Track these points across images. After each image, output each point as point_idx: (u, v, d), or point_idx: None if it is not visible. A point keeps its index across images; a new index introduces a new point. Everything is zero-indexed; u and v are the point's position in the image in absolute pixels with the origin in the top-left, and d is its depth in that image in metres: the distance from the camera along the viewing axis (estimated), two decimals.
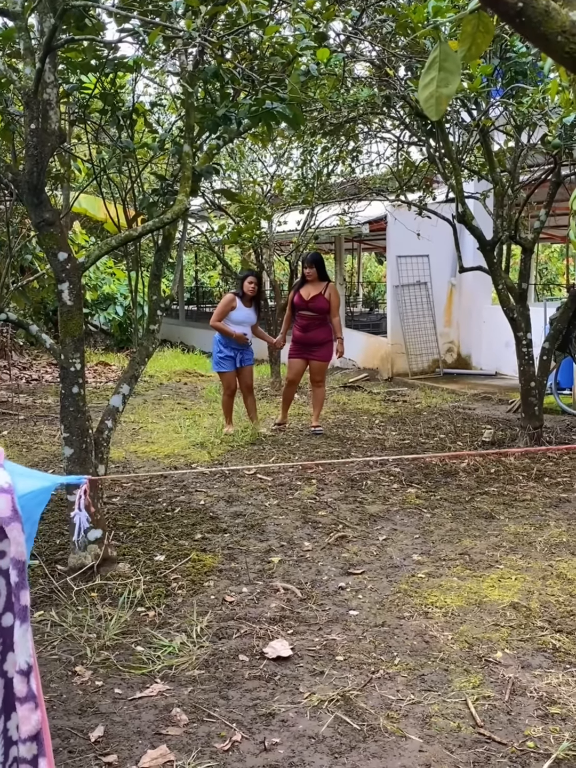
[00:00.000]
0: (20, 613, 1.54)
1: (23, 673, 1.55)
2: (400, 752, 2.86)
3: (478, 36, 1.38)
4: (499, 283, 7.59)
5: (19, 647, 1.55)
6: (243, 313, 7.96)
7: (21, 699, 1.55)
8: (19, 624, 1.55)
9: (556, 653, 3.57)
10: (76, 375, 4.30)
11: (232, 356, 7.98)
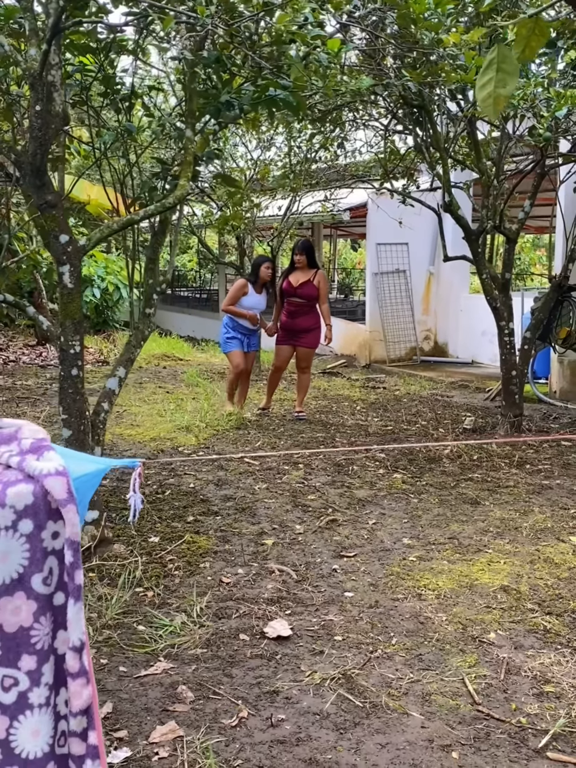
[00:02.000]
0: (74, 591, 1.59)
1: (76, 650, 1.60)
2: (402, 728, 2.95)
3: (533, 39, 1.44)
4: (483, 272, 7.69)
5: (73, 625, 1.59)
6: (254, 299, 8.00)
7: (73, 674, 1.60)
8: (73, 602, 1.59)
9: (547, 635, 3.68)
10: (76, 357, 4.32)
11: (239, 339, 8.05)
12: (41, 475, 1.58)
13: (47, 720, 1.62)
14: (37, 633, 1.60)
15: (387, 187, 8.69)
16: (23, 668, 1.60)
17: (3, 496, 1.56)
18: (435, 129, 7.04)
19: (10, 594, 1.58)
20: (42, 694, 1.61)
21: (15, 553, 1.57)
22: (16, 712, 1.60)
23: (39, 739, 1.61)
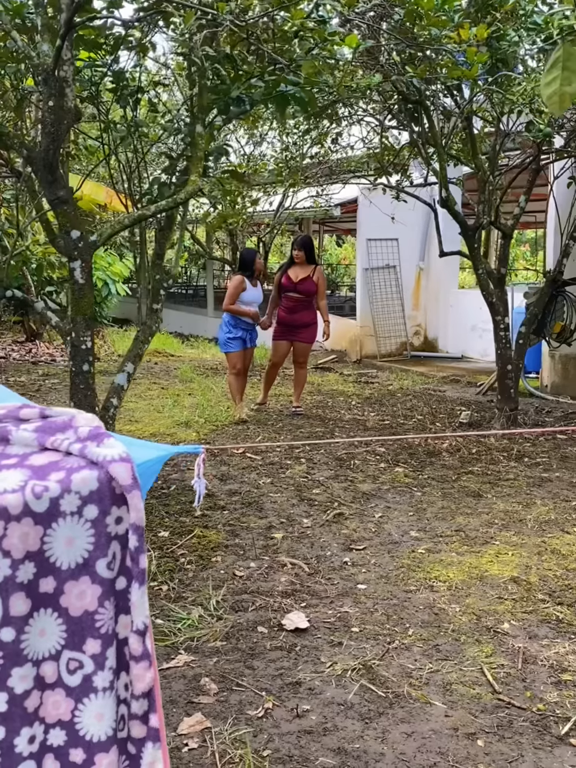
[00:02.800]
0: (139, 576, 1.61)
1: (140, 633, 1.62)
2: (426, 717, 2.99)
3: None
4: (479, 267, 7.74)
5: (137, 608, 1.62)
6: (253, 292, 7.95)
7: (137, 658, 1.62)
8: (138, 586, 1.61)
9: (560, 624, 3.73)
10: (87, 353, 4.32)
11: (242, 337, 7.94)
12: (105, 461, 1.60)
13: (111, 704, 1.64)
14: (101, 617, 1.62)
15: (383, 182, 8.70)
16: (88, 652, 1.62)
17: (68, 482, 1.57)
18: (432, 124, 7.08)
19: (76, 578, 1.60)
20: (106, 678, 1.63)
21: (80, 538, 1.59)
22: (81, 695, 1.62)
23: (103, 722, 1.63)
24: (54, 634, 1.60)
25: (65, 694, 1.62)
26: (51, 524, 1.56)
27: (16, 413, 1.79)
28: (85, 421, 1.74)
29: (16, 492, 1.54)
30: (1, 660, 1.54)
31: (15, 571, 1.54)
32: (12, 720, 1.57)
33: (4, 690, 1.55)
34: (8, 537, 1.53)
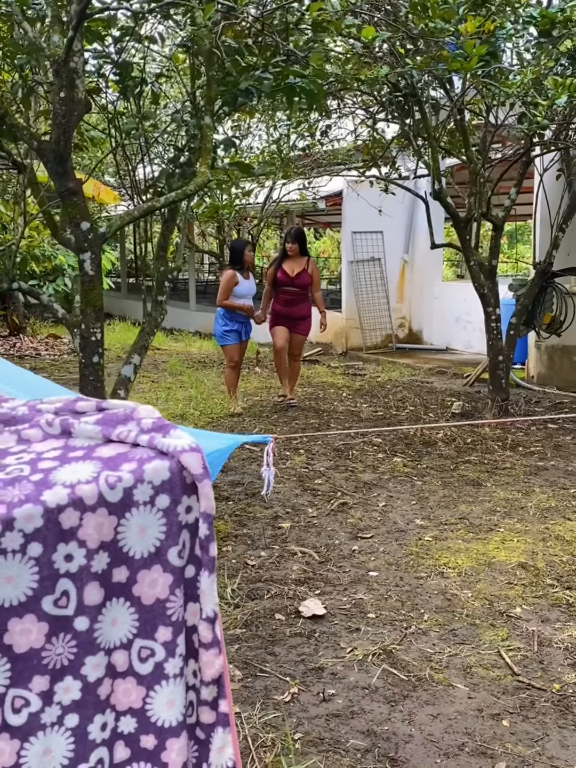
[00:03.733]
0: (209, 563, 1.63)
1: (210, 620, 1.64)
2: (450, 699, 3.04)
3: None
4: (470, 259, 7.81)
5: (207, 596, 1.64)
6: (245, 285, 7.91)
7: (206, 645, 1.65)
8: (207, 574, 1.63)
9: (570, 608, 3.80)
10: (97, 344, 4.32)
11: (237, 330, 7.93)
12: (176, 451, 1.62)
13: (181, 690, 1.66)
14: (172, 605, 1.64)
15: (375, 174, 8.74)
16: (159, 639, 1.64)
17: (141, 472, 1.59)
18: (425, 117, 7.13)
19: (148, 567, 1.62)
20: (177, 664, 1.65)
21: (152, 528, 1.61)
22: (153, 682, 1.64)
23: (174, 708, 1.65)
24: (126, 623, 1.62)
25: (136, 683, 1.64)
26: (124, 514, 1.58)
27: (72, 406, 1.81)
28: (146, 412, 1.76)
29: (90, 483, 1.56)
30: (76, 648, 1.56)
31: (90, 561, 1.55)
32: (86, 707, 1.59)
33: (78, 678, 1.57)
34: (83, 527, 1.54)
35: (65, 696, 1.57)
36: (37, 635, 1.53)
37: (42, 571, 1.51)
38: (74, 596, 1.55)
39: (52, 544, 1.52)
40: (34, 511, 1.51)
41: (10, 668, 1.52)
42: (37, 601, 1.52)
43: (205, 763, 1.74)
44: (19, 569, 1.49)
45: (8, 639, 1.51)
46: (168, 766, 1.68)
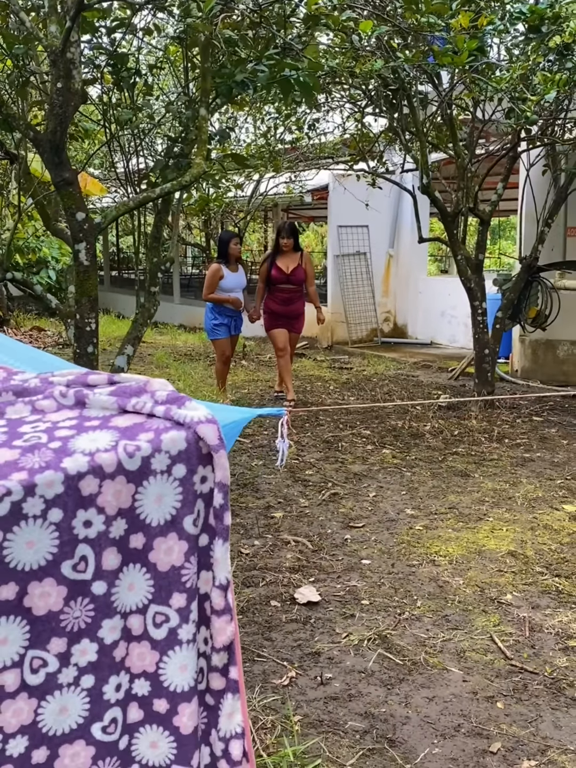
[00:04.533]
0: (223, 532, 1.67)
1: (222, 588, 1.68)
2: (445, 683, 3.10)
3: None
4: (458, 253, 7.88)
5: (221, 564, 1.68)
6: (232, 278, 7.73)
7: (218, 611, 1.69)
8: (222, 543, 1.67)
9: (560, 595, 3.87)
10: (92, 334, 4.34)
11: (227, 324, 7.84)
12: (193, 422, 1.65)
13: (193, 656, 1.70)
14: (187, 572, 1.67)
15: (363, 168, 8.78)
16: (174, 605, 1.68)
17: (159, 442, 1.63)
18: (414, 111, 7.18)
19: (164, 535, 1.66)
20: (190, 630, 1.69)
21: (168, 496, 1.65)
22: (166, 647, 1.68)
23: (186, 673, 1.69)
24: (142, 588, 1.66)
25: (150, 647, 1.68)
26: (142, 482, 1.62)
27: (84, 379, 1.84)
28: (159, 385, 1.80)
29: (109, 451, 1.59)
30: (93, 612, 1.60)
31: (108, 527, 1.59)
32: (101, 669, 1.63)
33: (95, 640, 1.61)
34: (103, 494, 1.58)
35: (82, 658, 1.61)
36: (56, 598, 1.57)
37: (62, 536, 1.55)
38: (92, 561, 1.59)
39: (72, 510, 1.56)
40: (55, 477, 1.54)
41: (29, 630, 1.55)
42: (57, 566, 1.56)
43: (214, 729, 1.79)
44: (40, 534, 1.53)
45: (28, 602, 1.54)
46: (179, 729, 1.73)
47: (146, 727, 1.70)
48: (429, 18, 4.65)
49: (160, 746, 1.71)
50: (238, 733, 1.74)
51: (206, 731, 1.77)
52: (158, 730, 1.71)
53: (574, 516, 4.93)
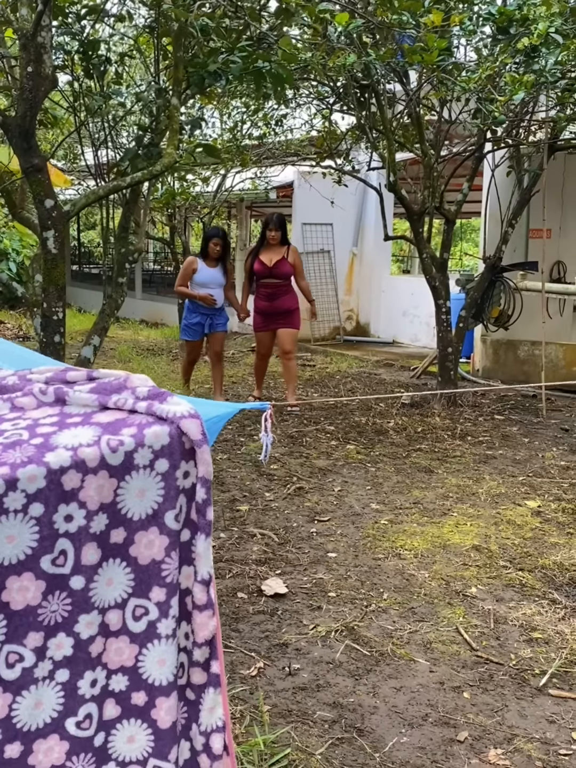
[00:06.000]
0: (206, 527, 1.66)
1: (205, 583, 1.67)
2: (413, 673, 3.12)
3: None
4: (423, 252, 7.93)
5: (203, 559, 1.67)
6: (207, 273, 7.37)
7: (200, 606, 1.67)
8: (204, 538, 1.66)
9: (523, 588, 3.92)
10: (58, 324, 4.29)
11: (201, 322, 7.49)
12: (176, 417, 1.64)
13: (173, 651, 1.69)
14: (167, 567, 1.66)
15: (331, 165, 8.80)
16: (153, 599, 1.67)
17: (142, 437, 1.61)
18: (382, 109, 7.21)
19: (145, 529, 1.64)
20: (169, 625, 1.68)
21: (151, 491, 1.64)
22: (145, 640, 1.67)
23: (165, 668, 1.68)
24: (121, 583, 1.64)
25: (129, 641, 1.67)
26: (125, 477, 1.60)
27: (62, 376, 1.82)
28: (140, 381, 1.78)
29: (92, 446, 1.57)
30: (70, 606, 1.58)
31: (89, 522, 1.58)
32: (76, 664, 1.61)
33: (71, 635, 1.59)
34: (85, 489, 1.56)
35: (57, 652, 1.59)
36: (35, 593, 1.55)
37: (42, 531, 1.53)
38: (72, 555, 1.57)
39: (54, 504, 1.54)
40: (37, 471, 1.52)
41: (6, 624, 1.53)
42: (36, 560, 1.54)
43: (195, 724, 1.78)
44: (20, 529, 1.51)
45: (6, 596, 1.52)
46: (157, 723, 1.72)
47: (123, 723, 1.68)
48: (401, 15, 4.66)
49: (138, 740, 1.69)
50: (219, 726, 1.73)
51: (186, 726, 1.76)
52: (136, 724, 1.69)
53: (537, 512, 4.99)
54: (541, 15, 5.89)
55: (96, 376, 1.84)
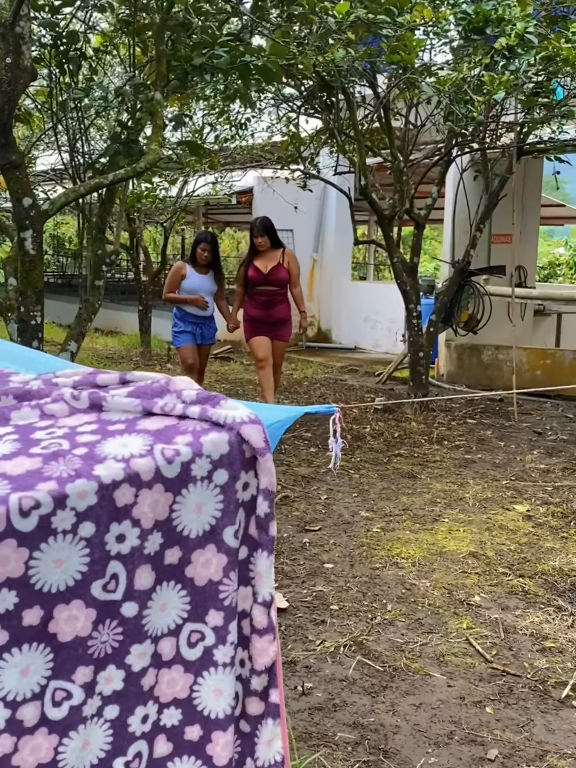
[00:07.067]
0: (268, 544, 1.51)
1: (266, 605, 1.52)
2: (430, 689, 2.99)
3: None
4: (393, 256, 7.86)
5: (264, 579, 1.51)
6: (196, 280, 6.86)
7: (260, 631, 1.52)
8: (266, 555, 1.51)
9: (527, 595, 3.82)
10: (36, 329, 4.09)
11: (191, 331, 6.94)
12: (235, 423, 1.48)
13: (230, 680, 1.53)
14: (226, 588, 1.50)
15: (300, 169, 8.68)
16: (210, 623, 1.51)
17: (199, 446, 1.45)
18: (353, 112, 7.12)
19: (202, 547, 1.48)
20: (227, 653, 1.52)
21: (208, 505, 1.48)
22: (201, 668, 1.51)
23: (221, 699, 1.52)
24: (175, 608, 1.48)
25: (183, 670, 1.50)
26: (181, 490, 1.44)
27: (91, 379, 1.65)
28: (184, 384, 1.62)
29: (145, 456, 1.41)
30: (121, 636, 1.41)
31: (143, 542, 1.41)
32: (127, 698, 1.45)
33: (121, 668, 1.43)
34: (138, 505, 1.40)
35: (107, 686, 1.43)
36: (84, 623, 1.37)
37: (93, 553, 1.36)
38: (123, 579, 1.41)
39: (105, 523, 1.37)
40: (87, 486, 1.35)
41: (53, 659, 1.36)
42: (86, 586, 1.36)
43: (250, 758, 1.62)
44: (69, 551, 1.34)
45: (53, 627, 1.35)
46: (212, 759, 1.55)
47: (176, 761, 1.51)
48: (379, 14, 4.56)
49: None
50: (277, 761, 1.58)
51: (240, 761, 1.59)
52: (189, 761, 1.52)
53: (527, 516, 4.92)
54: (516, 15, 5.86)
55: (130, 379, 1.68)
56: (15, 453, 1.42)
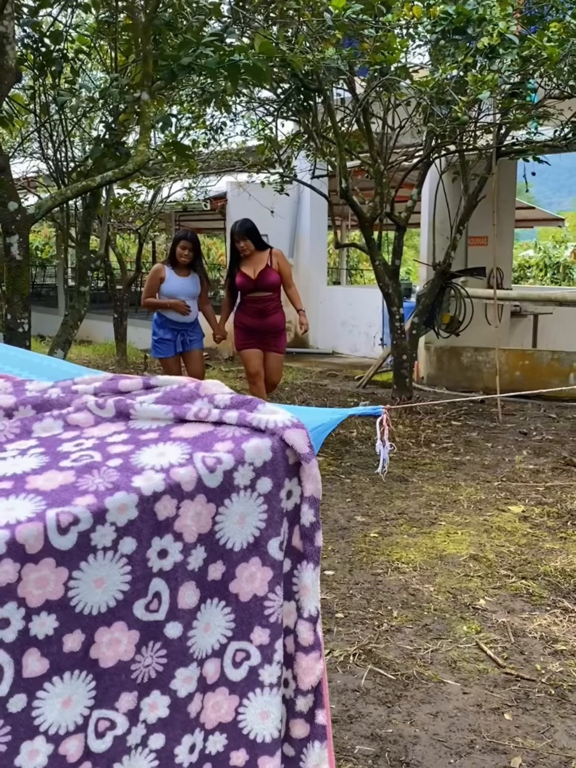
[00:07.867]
0: (314, 555, 1.43)
1: (312, 620, 1.44)
2: (446, 697, 2.92)
3: None
4: (376, 259, 7.81)
5: (310, 592, 1.43)
6: (176, 283, 6.35)
7: (306, 648, 1.44)
8: (312, 567, 1.43)
9: (532, 598, 3.77)
10: (24, 336, 3.97)
11: (171, 339, 6.45)
12: (278, 427, 1.40)
13: (277, 702, 1.44)
14: (271, 604, 1.41)
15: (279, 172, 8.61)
16: (255, 641, 1.42)
17: (241, 453, 1.36)
18: (332, 114, 7.07)
19: (246, 560, 1.40)
20: (273, 672, 1.43)
21: (252, 516, 1.39)
22: (246, 689, 1.42)
23: (268, 721, 1.43)
24: (219, 626, 1.39)
25: (228, 692, 1.41)
26: (224, 501, 1.35)
27: (114, 386, 1.56)
28: (215, 387, 1.53)
29: (185, 466, 1.31)
30: (166, 659, 1.32)
31: (186, 557, 1.32)
32: (173, 727, 1.35)
33: (166, 693, 1.33)
34: (181, 517, 1.30)
35: (151, 714, 1.33)
36: (127, 646, 1.28)
37: (135, 571, 1.27)
38: (166, 598, 1.31)
39: (147, 538, 1.28)
40: (127, 500, 1.25)
41: (95, 686, 1.27)
42: (128, 606, 1.27)
43: None
44: (110, 570, 1.24)
45: (94, 652, 1.25)
46: None
47: None
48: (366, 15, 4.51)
49: None
50: None
51: None
52: None
53: (523, 517, 4.88)
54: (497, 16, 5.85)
55: (154, 384, 1.59)
56: (44, 467, 1.32)
